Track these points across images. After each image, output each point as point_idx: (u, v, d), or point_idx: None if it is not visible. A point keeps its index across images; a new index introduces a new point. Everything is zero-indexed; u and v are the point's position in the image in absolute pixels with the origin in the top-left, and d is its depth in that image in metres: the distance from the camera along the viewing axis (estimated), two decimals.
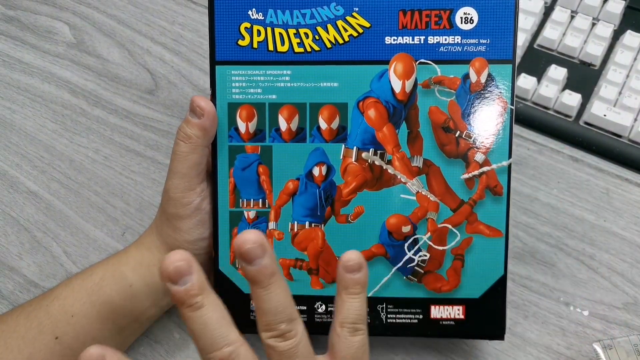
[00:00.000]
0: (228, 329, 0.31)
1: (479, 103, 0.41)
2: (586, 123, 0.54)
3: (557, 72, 0.55)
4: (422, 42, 0.41)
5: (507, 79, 0.41)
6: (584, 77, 0.56)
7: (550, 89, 0.55)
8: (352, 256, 0.33)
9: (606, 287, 0.48)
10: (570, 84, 0.55)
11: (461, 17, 0.40)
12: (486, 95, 0.41)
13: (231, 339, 0.30)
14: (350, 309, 0.33)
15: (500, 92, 0.41)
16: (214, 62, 0.42)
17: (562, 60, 0.57)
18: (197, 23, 0.63)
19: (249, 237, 0.30)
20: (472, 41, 0.40)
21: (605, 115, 0.53)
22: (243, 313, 0.43)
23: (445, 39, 0.40)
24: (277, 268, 0.31)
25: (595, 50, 0.56)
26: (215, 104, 0.41)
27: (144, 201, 0.54)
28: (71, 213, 0.54)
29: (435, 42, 0.41)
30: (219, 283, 0.43)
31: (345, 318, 0.33)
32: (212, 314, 0.30)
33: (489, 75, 0.41)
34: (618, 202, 0.52)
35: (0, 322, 0.42)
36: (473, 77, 0.41)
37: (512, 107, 0.41)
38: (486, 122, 0.41)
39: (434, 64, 0.41)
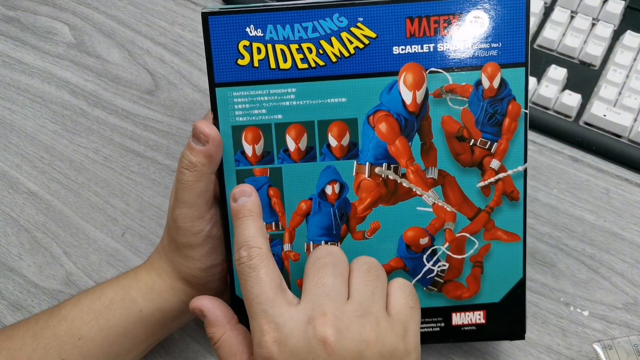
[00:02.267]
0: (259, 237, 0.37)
1: (492, 109, 0.39)
2: (586, 123, 0.54)
3: (557, 73, 0.55)
4: (431, 50, 0.39)
5: (520, 82, 0.39)
6: (584, 77, 0.56)
7: (550, 89, 0.55)
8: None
9: (606, 287, 0.48)
10: (570, 84, 0.55)
11: (471, 22, 0.39)
12: (500, 101, 0.40)
13: (257, 243, 0.36)
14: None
15: (514, 97, 0.39)
16: (213, 85, 0.40)
17: (562, 60, 0.57)
18: (197, 23, 0.63)
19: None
20: (483, 46, 0.39)
21: (605, 116, 0.53)
22: None
23: (456, 45, 0.39)
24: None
25: (595, 51, 0.56)
26: (218, 128, 0.40)
27: (144, 201, 0.54)
28: (71, 213, 0.54)
29: (445, 49, 0.39)
30: (235, 309, 0.41)
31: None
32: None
33: (502, 80, 0.39)
34: (618, 202, 0.52)
35: (7, 338, 0.41)
36: (486, 83, 0.39)
37: (526, 111, 0.40)
38: (501, 128, 0.40)
39: (444, 72, 0.39)
